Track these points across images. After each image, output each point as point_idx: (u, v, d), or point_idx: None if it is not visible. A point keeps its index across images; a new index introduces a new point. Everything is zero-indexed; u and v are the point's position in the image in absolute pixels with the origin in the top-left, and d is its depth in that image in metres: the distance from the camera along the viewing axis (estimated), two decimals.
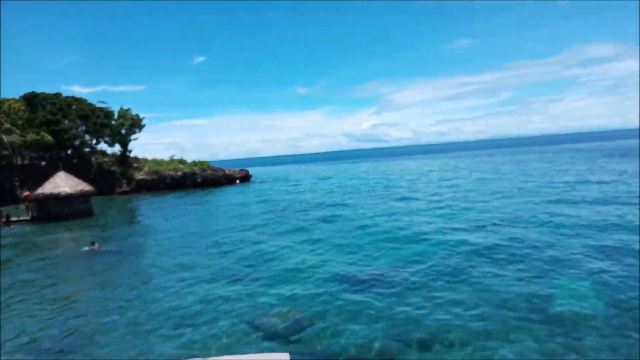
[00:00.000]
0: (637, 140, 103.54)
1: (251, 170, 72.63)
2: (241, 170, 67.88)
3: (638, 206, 20.92)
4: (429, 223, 21.07)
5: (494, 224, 19.55)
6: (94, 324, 10.67)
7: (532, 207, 23.32)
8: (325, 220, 24.46)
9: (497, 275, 12.35)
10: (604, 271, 12.11)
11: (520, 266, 13.09)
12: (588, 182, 32.67)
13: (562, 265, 12.95)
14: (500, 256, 14.30)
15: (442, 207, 25.83)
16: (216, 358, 3.97)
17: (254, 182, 64.07)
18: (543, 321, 9.13)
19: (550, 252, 14.32)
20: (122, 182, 57.53)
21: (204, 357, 3.66)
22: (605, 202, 23.12)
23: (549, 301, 10.24)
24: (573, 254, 14.00)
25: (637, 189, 26.46)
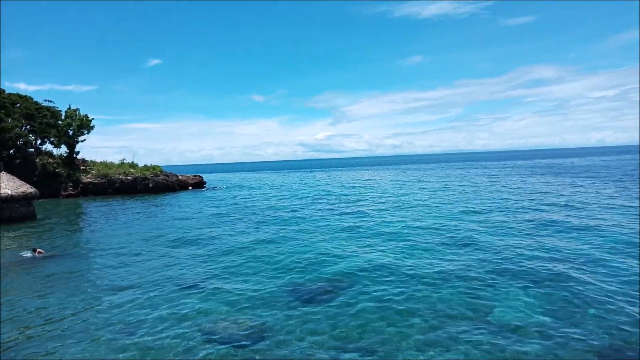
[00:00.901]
0: (572, 159, 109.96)
1: (206, 177, 71.49)
2: (195, 176, 66.72)
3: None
4: (384, 231, 21.60)
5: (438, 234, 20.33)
6: (35, 333, 10.29)
7: (467, 219, 24.41)
8: (280, 226, 24.53)
9: (439, 285, 12.90)
10: (541, 277, 12.93)
11: (463, 274, 13.72)
12: (526, 193, 34.52)
13: (502, 273, 13.70)
14: (444, 264, 14.93)
15: (392, 219, 26.51)
16: None
17: (207, 188, 63.09)
18: (488, 330, 9.66)
19: (490, 260, 15.10)
20: (68, 185, 55.16)
21: None
22: (536, 209, 24.55)
23: (491, 310, 10.82)
24: (512, 260, 14.83)
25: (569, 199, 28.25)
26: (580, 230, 20.16)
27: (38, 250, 19.43)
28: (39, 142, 57.82)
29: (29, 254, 19.06)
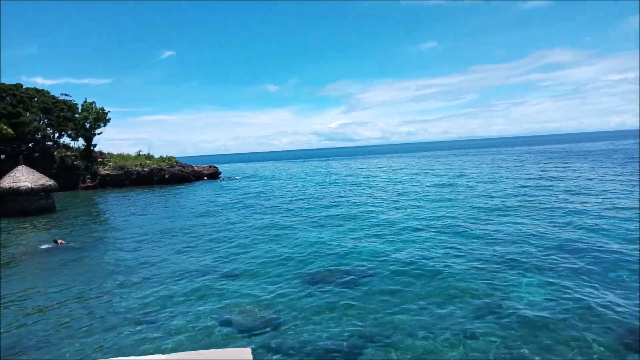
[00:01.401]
0: (594, 143, 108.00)
1: (221, 167, 71.90)
2: (210, 166, 67.13)
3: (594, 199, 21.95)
4: (396, 220, 21.46)
5: (457, 224, 20.10)
6: (54, 321, 10.45)
7: (489, 208, 24.09)
8: (293, 217, 24.55)
9: (459, 273, 12.75)
10: (560, 270, 12.69)
11: (480, 264, 13.55)
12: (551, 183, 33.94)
13: (518, 265, 13.48)
14: (462, 253, 14.76)
15: (408, 206, 26.31)
16: (178, 354, 4.02)
17: (222, 179, 63.47)
18: (500, 321, 9.50)
19: (506, 251, 14.88)
20: (86, 177, 55.95)
21: (166, 354, 3.70)
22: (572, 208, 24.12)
23: (508, 300, 10.65)
24: (528, 253, 14.60)
25: (595, 190, 27.70)
26: (596, 219, 19.76)
27: (60, 241, 19.76)
28: (56, 135, 58.69)
29: (49, 245, 19.38)
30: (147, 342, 8.99)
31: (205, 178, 62.53)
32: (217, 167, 67.82)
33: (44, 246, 19.42)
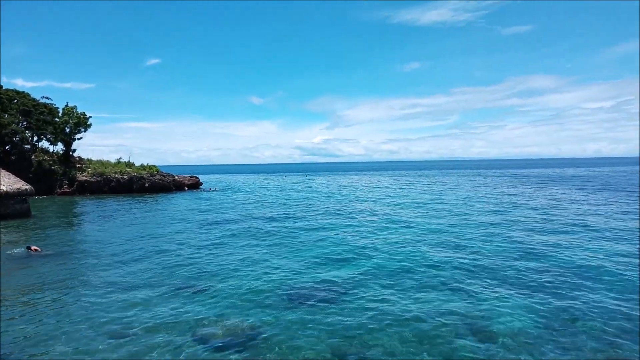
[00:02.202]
0: (571, 169, 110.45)
1: (202, 178, 71.30)
2: (192, 177, 66.53)
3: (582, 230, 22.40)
4: (377, 239, 21.53)
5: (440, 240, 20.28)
6: (27, 332, 10.16)
7: (469, 225, 24.39)
8: (273, 231, 24.44)
9: (436, 292, 12.85)
10: (537, 288, 12.89)
11: (459, 283, 13.67)
12: (526, 206, 34.55)
13: (498, 281, 13.65)
14: (442, 272, 14.88)
15: (388, 224, 26.45)
16: None
17: (204, 189, 62.89)
18: (481, 339, 9.60)
19: (483, 269, 15.06)
20: (64, 182, 54.89)
21: None
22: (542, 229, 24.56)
23: (487, 319, 10.76)
24: (506, 270, 14.79)
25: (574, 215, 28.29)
26: (580, 238, 20.17)
27: (33, 247, 19.27)
28: (35, 138, 57.65)
29: (20, 250, 18.87)
30: (123, 357, 8.79)
31: (187, 188, 61.89)
32: (198, 178, 67.25)
33: (16, 251, 18.91)
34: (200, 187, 65.03)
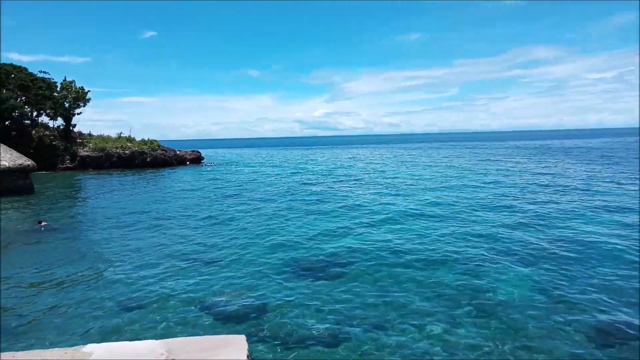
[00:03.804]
0: (571, 141, 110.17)
1: (203, 152, 71.11)
2: (193, 151, 66.35)
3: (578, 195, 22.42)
4: (383, 210, 21.58)
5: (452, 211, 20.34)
6: (39, 305, 10.27)
7: (475, 198, 24.41)
8: (279, 203, 24.49)
9: (441, 263, 12.93)
10: (539, 261, 12.97)
11: (465, 255, 13.75)
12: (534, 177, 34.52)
13: (510, 253, 13.73)
14: (451, 242, 14.95)
15: (395, 196, 26.48)
16: (172, 340, 3.97)
17: (205, 164, 62.83)
18: (483, 309, 9.69)
19: (487, 242, 15.13)
20: (65, 158, 54.75)
21: (156, 339, 3.65)
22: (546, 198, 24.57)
23: (496, 290, 10.85)
24: (519, 242, 14.86)
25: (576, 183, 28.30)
26: (581, 212, 20.21)
27: (43, 222, 19.34)
28: (34, 114, 57.17)
29: (31, 226, 18.96)
30: (135, 328, 8.90)
31: (188, 163, 61.82)
32: (200, 152, 67.08)
33: (25, 227, 19.00)
34: (202, 161, 64.92)
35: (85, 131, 61.19)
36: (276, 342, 8.29)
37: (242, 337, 4.12)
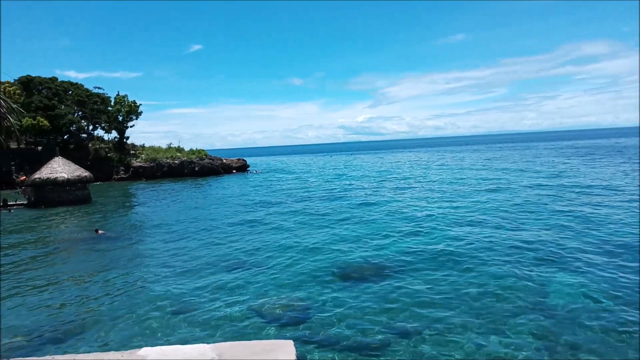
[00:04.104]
0: (636, 139, 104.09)
1: (248, 160, 72.52)
2: (239, 159, 67.79)
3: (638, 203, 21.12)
4: (430, 215, 21.16)
5: (492, 217, 19.68)
6: (96, 309, 10.72)
7: (530, 201, 23.47)
8: (326, 209, 24.52)
9: (494, 266, 12.47)
10: (600, 266, 12.26)
11: (517, 258, 13.21)
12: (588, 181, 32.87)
13: (558, 259, 13.09)
14: (497, 247, 14.43)
15: (442, 201, 25.92)
16: (222, 344, 4.00)
17: (250, 171, 63.99)
18: (538, 315, 9.24)
19: (545, 246, 14.46)
20: (120, 168, 57.32)
21: (206, 343, 3.70)
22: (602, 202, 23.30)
23: (545, 295, 10.35)
24: (568, 248, 14.14)
25: (637, 186, 26.68)
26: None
27: (100, 230, 20.28)
28: (90, 127, 60.23)
29: (89, 234, 19.91)
30: (185, 331, 9.12)
31: (234, 171, 63.18)
32: (245, 160, 68.42)
33: (84, 235, 19.98)
34: (248, 169, 66.16)
35: (138, 143, 63.90)
36: (324, 347, 8.24)
37: (290, 342, 4.11)
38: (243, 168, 65.49)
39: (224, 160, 64.20)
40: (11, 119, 45.78)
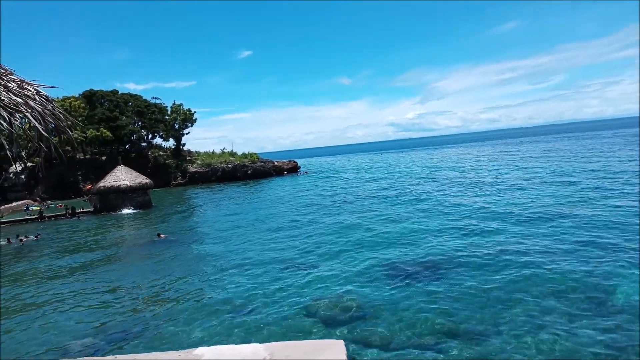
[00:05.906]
0: None
1: (299, 162, 73.36)
2: (290, 161, 68.73)
3: None
4: (480, 211, 20.56)
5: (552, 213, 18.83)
6: (159, 308, 11.28)
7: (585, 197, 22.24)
8: (372, 207, 24.41)
9: (554, 263, 11.94)
10: None
11: (578, 254, 12.57)
12: None
13: (621, 253, 12.33)
14: (557, 245, 13.80)
15: (491, 196, 25.10)
16: (272, 343, 4.10)
17: (302, 173, 64.70)
18: (602, 311, 8.79)
19: (606, 239, 13.66)
20: (177, 174, 59.73)
21: (259, 343, 3.82)
22: None
23: (609, 292, 9.81)
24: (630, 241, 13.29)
25: None
26: None
27: (162, 235, 21.29)
28: (149, 136, 63.15)
29: (152, 238, 20.95)
30: (241, 331, 9.43)
31: (285, 173, 64.11)
32: (296, 162, 69.26)
33: (147, 239, 21.03)
34: (298, 170, 66.95)
35: (193, 149, 66.30)
36: (375, 347, 8.26)
37: (341, 342, 4.17)
38: (294, 170, 66.33)
39: (275, 163, 65.31)
40: (70, 132, 48.79)
